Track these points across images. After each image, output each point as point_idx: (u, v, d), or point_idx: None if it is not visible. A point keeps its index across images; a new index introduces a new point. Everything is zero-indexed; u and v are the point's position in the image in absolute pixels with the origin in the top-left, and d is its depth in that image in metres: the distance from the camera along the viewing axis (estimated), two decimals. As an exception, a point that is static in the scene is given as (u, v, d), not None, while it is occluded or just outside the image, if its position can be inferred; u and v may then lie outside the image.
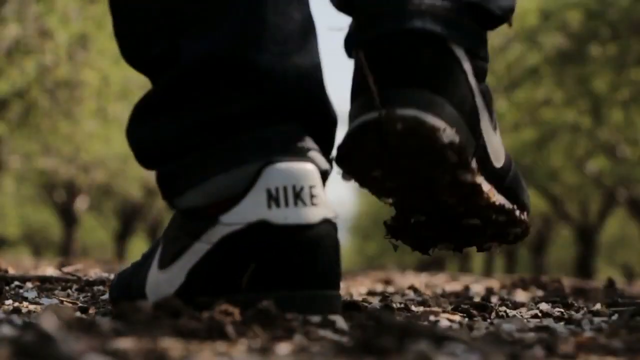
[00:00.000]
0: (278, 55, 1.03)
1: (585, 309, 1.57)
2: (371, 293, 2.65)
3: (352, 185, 1.15)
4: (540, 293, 2.65)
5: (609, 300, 1.68)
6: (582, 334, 1.05)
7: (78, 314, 1.15)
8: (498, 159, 1.15)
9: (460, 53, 1.05)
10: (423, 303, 1.63)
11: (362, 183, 1.12)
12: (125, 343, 0.75)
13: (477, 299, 2.10)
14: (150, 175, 10.62)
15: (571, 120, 9.04)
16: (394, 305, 1.43)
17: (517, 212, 1.16)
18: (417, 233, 1.19)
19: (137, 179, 12.53)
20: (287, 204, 0.98)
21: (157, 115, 1.06)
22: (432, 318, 1.24)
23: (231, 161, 1.01)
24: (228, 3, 1.03)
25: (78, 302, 1.40)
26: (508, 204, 1.15)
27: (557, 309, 1.56)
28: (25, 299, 1.43)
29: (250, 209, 0.98)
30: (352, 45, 1.09)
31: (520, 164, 10.56)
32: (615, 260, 21.18)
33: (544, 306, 1.59)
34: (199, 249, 1.01)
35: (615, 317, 1.38)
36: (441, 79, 1.03)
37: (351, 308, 1.15)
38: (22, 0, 6.64)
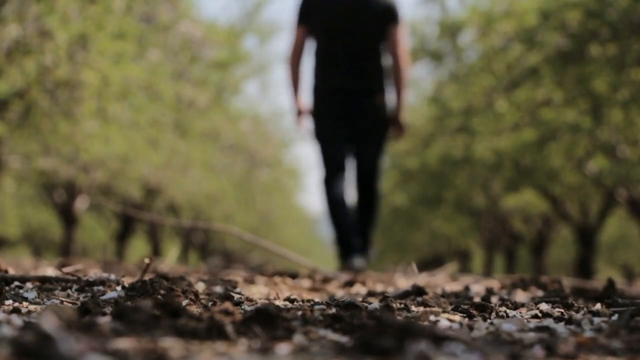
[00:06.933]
0: None
1: (585, 309, 1.57)
2: (371, 293, 2.65)
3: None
4: (540, 293, 2.66)
5: (609, 301, 1.68)
6: (582, 334, 1.05)
7: (78, 314, 1.15)
8: None
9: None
10: (423, 303, 1.63)
11: None
12: (125, 343, 0.75)
13: (477, 299, 2.10)
14: (150, 176, 10.59)
15: (571, 120, 9.03)
16: (394, 305, 1.43)
17: None
18: None
19: (137, 179, 12.50)
20: None
21: None
22: (432, 318, 1.24)
23: None
24: None
25: (78, 302, 1.40)
26: None
27: (557, 309, 1.56)
28: (25, 299, 1.43)
29: None
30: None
31: (520, 164, 10.55)
32: (615, 260, 21.17)
33: (544, 306, 1.59)
34: None
35: (615, 317, 1.38)
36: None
37: (351, 308, 1.15)
38: (22, 0, 6.64)
